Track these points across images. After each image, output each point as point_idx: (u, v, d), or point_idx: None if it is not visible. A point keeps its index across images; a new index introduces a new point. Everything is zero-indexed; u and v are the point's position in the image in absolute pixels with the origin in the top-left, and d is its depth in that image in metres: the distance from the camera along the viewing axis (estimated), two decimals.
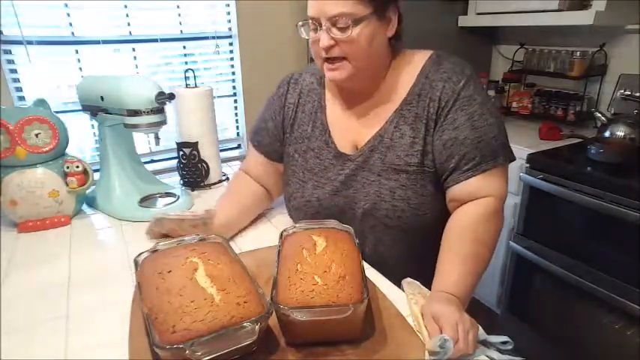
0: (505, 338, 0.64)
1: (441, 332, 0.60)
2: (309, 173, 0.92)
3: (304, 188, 0.92)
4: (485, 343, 0.64)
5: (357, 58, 0.79)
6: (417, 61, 0.86)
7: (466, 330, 0.61)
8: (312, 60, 0.99)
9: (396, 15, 0.82)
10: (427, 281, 0.78)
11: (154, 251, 0.69)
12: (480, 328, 0.64)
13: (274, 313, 0.59)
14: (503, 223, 0.83)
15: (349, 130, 0.90)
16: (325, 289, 0.59)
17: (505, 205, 0.84)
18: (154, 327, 0.54)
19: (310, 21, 0.80)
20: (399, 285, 0.79)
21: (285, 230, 0.77)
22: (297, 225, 0.77)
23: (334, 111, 0.92)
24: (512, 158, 0.84)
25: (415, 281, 0.77)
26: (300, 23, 0.83)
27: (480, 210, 0.79)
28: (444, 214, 0.85)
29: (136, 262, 0.68)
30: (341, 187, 0.88)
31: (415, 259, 0.88)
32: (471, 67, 0.83)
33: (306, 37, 0.82)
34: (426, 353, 0.61)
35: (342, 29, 0.76)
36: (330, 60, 0.80)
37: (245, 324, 0.54)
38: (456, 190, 0.82)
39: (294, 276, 0.62)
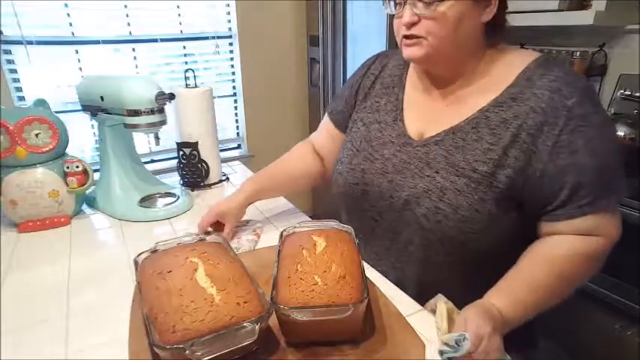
0: None
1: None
2: (366, 144, 0.86)
3: (355, 155, 0.86)
4: None
5: (439, 39, 0.70)
6: (519, 59, 0.74)
7: (487, 350, 0.58)
8: (312, 60, 0.98)
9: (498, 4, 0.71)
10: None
11: (153, 251, 0.69)
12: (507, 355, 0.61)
13: (274, 313, 0.59)
14: (600, 267, 0.72)
15: (422, 115, 0.82)
16: (325, 289, 0.59)
17: None
18: (154, 327, 0.54)
19: None
20: (414, 295, 0.76)
21: (285, 230, 0.77)
22: (297, 225, 0.77)
23: (413, 92, 0.85)
24: (625, 193, 0.72)
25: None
26: None
27: (584, 246, 0.69)
28: (498, 244, 0.73)
29: (136, 262, 0.68)
30: (391, 170, 0.80)
31: (438, 276, 0.79)
32: (585, 81, 0.71)
33: (391, 13, 0.75)
34: (433, 351, 0.60)
35: (427, 4, 0.68)
36: (407, 37, 0.73)
37: (245, 324, 0.54)
38: (564, 226, 0.69)
39: (294, 276, 0.62)
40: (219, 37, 2.29)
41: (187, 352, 0.50)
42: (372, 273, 0.83)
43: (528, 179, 0.69)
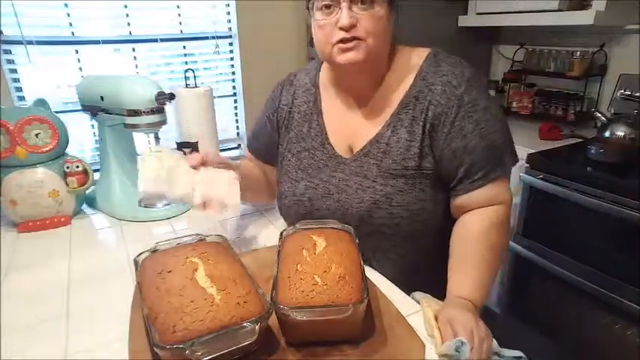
0: (519, 353, 0.63)
1: (456, 337, 0.61)
2: (302, 173, 0.89)
3: (296, 187, 0.89)
4: (499, 356, 0.63)
5: (377, 38, 0.74)
6: (414, 61, 0.82)
7: (481, 339, 0.61)
8: (312, 60, 0.98)
9: (396, 11, 0.78)
10: (429, 289, 0.77)
11: (153, 251, 0.69)
12: (494, 340, 0.64)
13: (274, 313, 0.59)
14: (510, 231, 0.82)
15: (346, 132, 0.87)
16: (325, 289, 0.59)
17: None
18: (154, 327, 0.54)
19: (321, 3, 0.74)
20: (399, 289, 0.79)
21: (285, 230, 0.77)
22: (297, 225, 0.77)
23: (331, 112, 0.89)
24: (517, 160, 0.82)
25: (427, 294, 0.77)
26: (307, 6, 0.78)
27: (492, 217, 0.78)
28: (445, 219, 0.83)
29: (136, 262, 0.68)
30: (333, 190, 0.85)
31: (416, 266, 0.86)
32: (471, 68, 0.80)
33: (320, 19, 0.75)
34: (433, 351, 0.60)
35: (365, 5, 0.72)
36: (344, 41, 0.74)
37: (245, 324, 0.54)
38: (465, 199, 0.80)
39: (294, 276, 0.62)
40: (219, 37, 2.28)
41: (187, 352, 0.50)
42: (372, 273, 0.83)
43: (437, 163, 0.79)
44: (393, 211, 0.79)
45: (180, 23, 2.18)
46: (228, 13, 2.29)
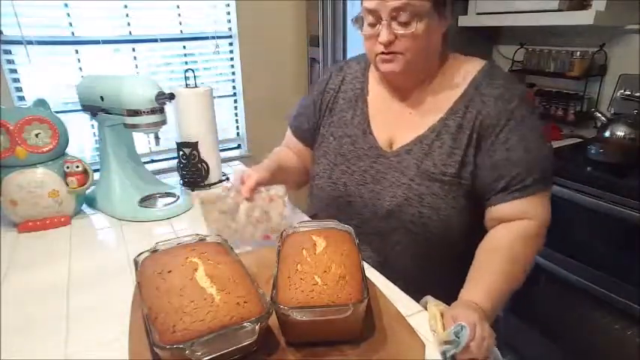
0: None
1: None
2: (341, 157, 0.91)
3: (333, 170, 0.91)
4: None
5: (414, 54, 0.79)
6: (467, 69, 0.85)
7: (483, 336, 0.61)
8: (312, 60, 0.99)
9: (451, 14, 0.81)
10: (439, 294, 0.75)
11: (153, 251, 0.69)
12: (497, 350, 0.63)
13: (274, 313, 0.59)
14: (542, 247, 0.82)
15: (389, 126, 0.89)
16: (325, 289, 0.59)
17: None
18: (154, 327, 0.54)
19: (367, 15, 0.79)
20: (403, 288, 0.78)
21: (284, 230, 0.77)
22: (297, 225, 0.77)
23: (377, 103, 0.91)
24: (551, 184, 0.83)
25: (437, 300, 0.75)
26: (354, 18, 0.83)
27: (520, 230, 0.78)
28: (472, 230, 0.84)
29: (136, 262, 0.68)
30: (369, 180, 0.87)
31: (431, 269, 0.87)
32: (523, 87, 0.82)
33: (366, 34, 0.81)
34: (433, 351, 0.60)
35: (404, 24, 0.76)
36: (384, 53, 0.80)
37: (245, 324, 0.54)
38: (499, 210, 0.80)
39: (294, 276, 0.62)
40: (219, 37, 2.29)
41: (187, 352, 0.50)
42: (372, 273, 0.83)
43: (477, 173, 0.81)
44: (423, 210, 0.82)
45: (180, 23, 2.18)
46: (228, 13, 2.29)
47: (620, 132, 1.53)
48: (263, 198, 0.89)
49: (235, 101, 2.50)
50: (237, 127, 2.58)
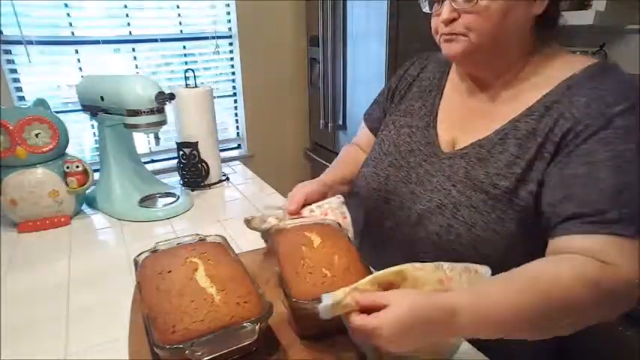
0: None
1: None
2: (393, 148, 0.81)
3: (381, 160, 0.82)
4: None
5: (480, 35, 0.63)
6: (569, 65, 0.66)
7: (377, 332, 0.48)
8: (312, 60, 0.97)
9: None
10: None
11: (153, 251, 0.69)
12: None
13: (289, 309, 0.59)
14: (617, 306, 0.57)
15: (457, 124, 0.76)
16: (335, 280, 0.61)
17: None
18: (154, 327, 0.54)
19: None
20: None
21: (271, 228, 0.77)
22: (280, 224, 0.77)
23: (451, 98, 0.80)
24: None
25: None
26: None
27: (590, 271, 0.52)
28: (508, 262, 0.57)
29: (135, 262, 0.68)
30: (414, 179, 0.76)
31: None
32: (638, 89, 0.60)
33: (428, 11, 0.71)
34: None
35: None
36: (446, 34, 0.67)
37: (245, 324, 0.54)
38: (563, 242, 0.57)
39: (302, 271, 0.63)
40: (219, 37, 2.29)
41: (187, 352, 0.50)
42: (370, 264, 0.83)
43: (541, 190, 0.61)
44: (454, 223, 0.67)
45: (180, 23, 2.18)
46: (228, 13, 2.29)
47: None
48: (316, 214, 0.81)
49: (235, 101, 2.50)
50: (237, 127, 2.58)
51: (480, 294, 0.52)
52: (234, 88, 2.46)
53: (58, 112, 1.13)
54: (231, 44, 2.35)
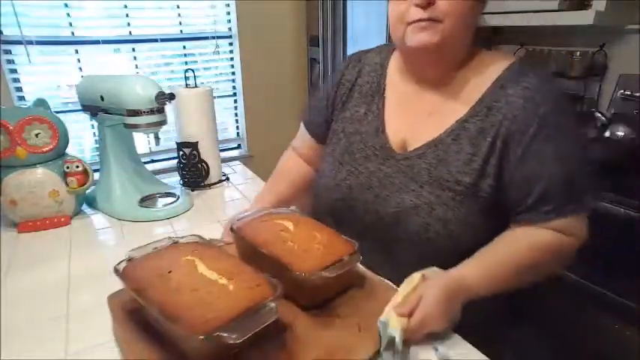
0: None
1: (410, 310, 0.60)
2: (349, 157, 0.84)
3: (339, 170, 0.84)
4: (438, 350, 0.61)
5: (456, 20, 0.67)
6: (495, 66, 0.74)
7: (427, 313, 0.59)
8: (312, 60, 0.97)
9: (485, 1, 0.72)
10: None
11: (129, 260, 0.67)
12: (441, 347, 0.61)
13: (295, 284, 0.63)
14: (559, 268, 0.74)
15: (404, 126, 0.80)
16: (327, 252, 0.67)
17: None
18: (180, 323, 0.54)
19: None
20: None
21: (232, 225, 0.77)
22: (244, 218, 0.79)
23: (395, 100, 0.82)
24: (597, 200, 0.75)
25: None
26: None
27: (553, 240, 0.70)
28: (479, 247, 0.72)
29: (116, 271, 0.65)
30: (376, 184, 0.79)
31: None
32: (558, 88, 0.71)
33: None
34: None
35: None
36: (419, 20, 0.68)
37: (268, 303, 0.57)
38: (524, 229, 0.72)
39: (296, 250, 0.67)
40: (219, 37, 2.29)
41: (225, 336, 0.51)
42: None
43: (503, 186, 0.71)
44: (430, 221, 0.72)
45: (180, 23, 2.18)
46: (228, 13, 2.30)
47: (620, 132, 1.53)
48: None
49: (235, 101, 2.50)
50: (237, 127, 2.58)
51: (478, 260, 0.68)
52: (234, 88, 2.46)
53: (58, 112, 1.13)
54: (231, 44, 2.36)
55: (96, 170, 1.15)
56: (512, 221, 0.73)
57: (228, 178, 1.39)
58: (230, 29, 2.32)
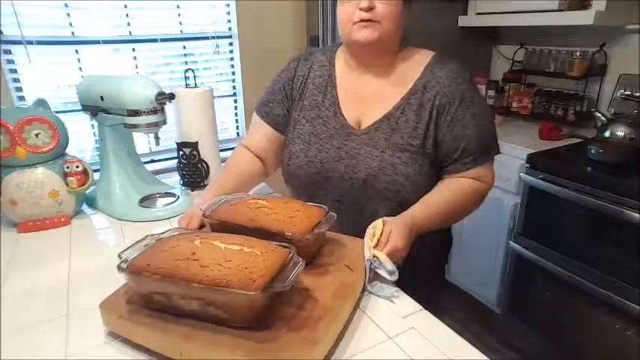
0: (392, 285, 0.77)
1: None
2: (315, 137, 0.98)
3: (308, 149, 0.98)
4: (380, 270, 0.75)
5: (390, 22, 0.88)
6: (421, 57, 0.97)
7: (396, 242, 0.77)
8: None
9: (409, 8, 0.92)
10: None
11: (124, 261, 0.67)
12: (392, 265, 0.75)
13: (293, 244, 0.69)
14: (477, 207, 0.98)
15: (357, 107, 0.98)
16: (308, 215, 0.78)
17: (505, 205, 0.86)
18: (233, 288, 0.58)
19: None
20: None
21: (204, 211, 0.82)
22: (212, 206, 0.83)
23: (345, 88, 0.99)
24: (499, 151, 0.98)
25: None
26: None
27: (473, 186, 0.94)
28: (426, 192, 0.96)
29: (119, 268, 0.66)
30: (344, 156, 0.95)
31: None
32: (470, 73, 0.96)
33: (346, 3, 0.89)
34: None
35: None
36: (363, 20, 0.87)
37: (292, 255, 0.65)
38: (458, 175, 0.95)
39: (283, 219, 0.76)
40: (219, 37, 2.29)
41: (276, 285, 0.60)
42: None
43: (437, 144, 0.93)
44: (396, 178, 0.91)
45: (181, 23, 2.18)
46: (228, 13, 2.29)
47: (620, 132, 1.53)
48: None
49: (235, 101, 2.50)
50: (237, 127, 2.58)
51: (422, 203, 0.90)
52: (234, 88, 2.46)
53: (58, 112, 1.13)
54: (231, 44, 2.35)
55: (96, 170, 1.15)
56: (443, 172, 0.96)
57: None
58: (230, 29, 2.32)
